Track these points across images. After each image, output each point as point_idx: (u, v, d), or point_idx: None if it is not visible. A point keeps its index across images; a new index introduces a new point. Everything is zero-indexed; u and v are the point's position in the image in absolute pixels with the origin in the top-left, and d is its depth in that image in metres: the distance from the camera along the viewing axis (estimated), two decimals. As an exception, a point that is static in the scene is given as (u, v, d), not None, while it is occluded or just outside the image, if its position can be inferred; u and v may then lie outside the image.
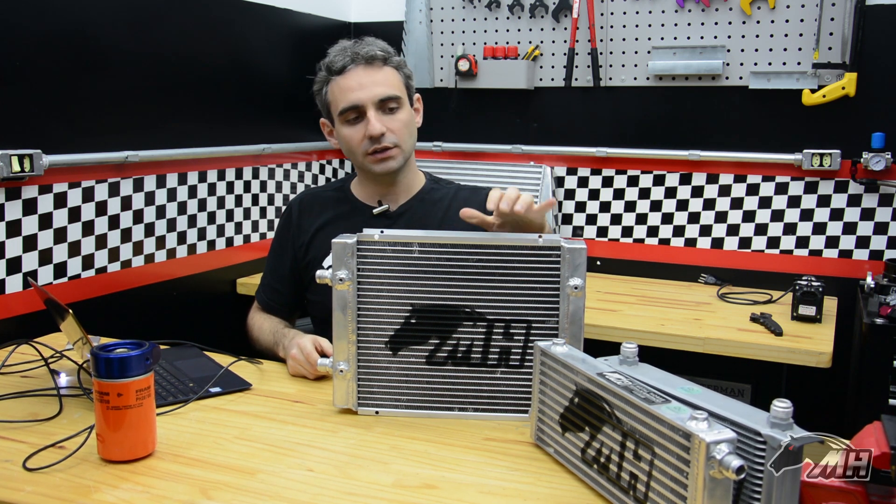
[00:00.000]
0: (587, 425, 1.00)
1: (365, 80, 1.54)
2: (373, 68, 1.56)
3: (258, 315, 1.73)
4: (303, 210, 1.71)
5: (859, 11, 2.17)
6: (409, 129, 1.59)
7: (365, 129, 1.54)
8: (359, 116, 1.55)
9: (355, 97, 1.54)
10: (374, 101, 1.54)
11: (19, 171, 1.66)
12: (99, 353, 1.05)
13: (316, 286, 1.64)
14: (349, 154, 1.62)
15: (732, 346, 1.87)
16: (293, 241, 1.69)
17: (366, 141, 1.55)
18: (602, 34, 2.51)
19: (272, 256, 1.75)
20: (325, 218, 1.67)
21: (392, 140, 1.56)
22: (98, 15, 1.87)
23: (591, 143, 2.56)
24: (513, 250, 1.20)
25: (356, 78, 1.55)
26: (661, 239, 2.53)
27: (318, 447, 1.13)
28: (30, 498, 0.98)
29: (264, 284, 1.76)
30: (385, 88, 1.55)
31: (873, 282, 2.03)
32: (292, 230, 1.70)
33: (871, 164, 2.18)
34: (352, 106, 1.54)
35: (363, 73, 1.55)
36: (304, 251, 1.67)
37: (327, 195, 1.72)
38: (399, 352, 1.23)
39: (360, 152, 1.57)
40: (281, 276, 1.71)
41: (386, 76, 1.57)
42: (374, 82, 1.54)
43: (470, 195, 1.65)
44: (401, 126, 1.57)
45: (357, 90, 1.54)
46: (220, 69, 2.27)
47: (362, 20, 2.87)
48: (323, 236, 1.65)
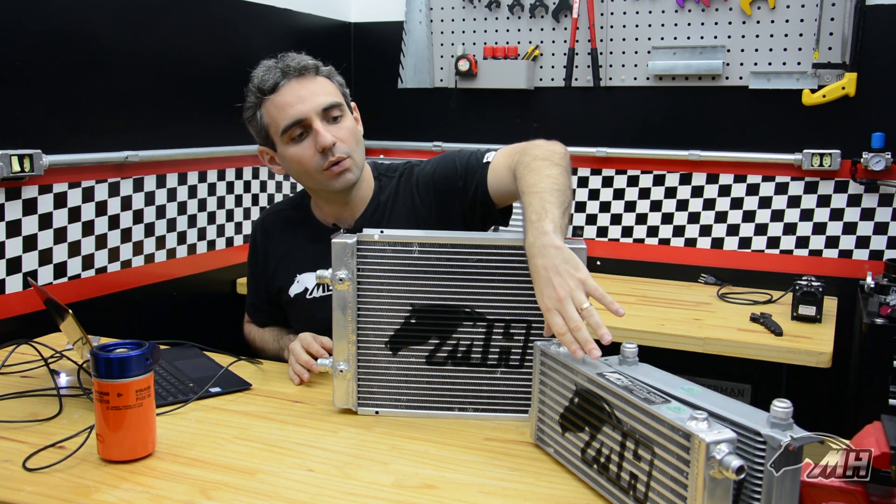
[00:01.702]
0: (587, 425, 1.00)
1: (302, 93, 1.43)
2: (306, 79, 1.44)
3: (255, 328, 1.71)
4: (265, 235, 1.64)
5: (859, 11, 2.17)
6: (356, 137, 1.48)
7: (314, 143, 1.42)
8: (303, 132, 1.43)
9: (297, 111, 1.42)
10: (317, 111, 1.42)
11: (19, 171, 1.66)
12: (99, 353, 1.05)
13: (292, 314, 1.61)
14: (300, 176, 1.49)
15: (732, 346, 1.87)
16: (262, 269, 1.64)
17: (318, 156, 1.43)
18: (602, 34, 2.51)
19: (249, 280, 1.71)
20: (287, 244, 1.60)
21: (344, 150, 1.44)
22: (98, 15, 1.87)
23: (591, 143, 2.56)
24: (513, 250, 1.20)
25: (292, 92, 1.43)
26: (661, 239, 2.53)
27: (318, 447, 1.13)
28: (30, 498, 0.98)
29: (250, 304, 1.72)
30: (325, 97, 1.44)
31: (873, 282, 2.04)
32: (259, 257, 1.64)
33: (871, 164, 2.18)
34: (295, 121, 1.42)
35: (298, 86, 1.43)
36: (271, 279, 1.62)
37: (287, 215, 1.63)
38: (399, 352, 1.23)
39: (314, 170, 1.44)
40: (261, 298, 1.68)
41: (321, 85, 1.46)
42: (312, 93, 1.43)
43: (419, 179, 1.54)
44: (348, 134, 1.46)
45: (297, 104, 1.42)
46: (220, 69, 2.27)
47: (362, 20, 2.87)
48: (286, 264, 1.59)
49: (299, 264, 1.58)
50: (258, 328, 1.70)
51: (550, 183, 1.23)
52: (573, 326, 1.04)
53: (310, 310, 1.56)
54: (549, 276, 1.08)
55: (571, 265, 1.08)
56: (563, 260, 1.09)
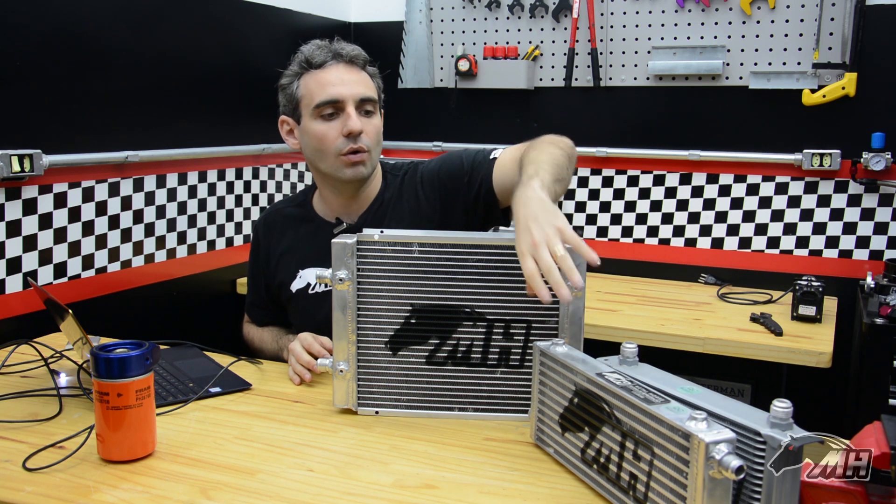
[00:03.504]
0: (587, 425, 1.00)
1: (346, 77, 1.49)
2: (353, 68, 1.51)
3: (254, 328, 1.72)
4: (267, 232, 1.66)
5: (859, 11, 2.17)
6: (378, 137, 1.53)
7: (342, 126, 1.46)
8: (335, 113, 1.48)
9: (336, 91, 1.47)
10: (355, 98, 1.48)
11: (19, 171, 1.66)
12: (99, 353, 1.05)
13: (292, 310, 1.62)
14: (315, 155, 1.52)
15: (732, 346, 1.87)
16: (263, 266, 1.66)
17: (341, 139, 1.47)
18: (602, 34, 2.51)
19: (250, 278, 1.72)
20: (288, 240, 1.62)
21: (366, 143, 1.48)
22: (98, 15, 1.87)
23: (591, 143, 2.56)
24: (513, 250, 1.20)
25: (337, 74, 1.49)
26: (661, 239, 2.53)
27: (318, 447, 1.13)
28: (30, 498, 0.98)
29: (250, 303, 1.73)
30: (366, 89, 1.50)
31: (873, 282, 2.04)
32: (260, 254, 1.66)
33: (871, 164, 2.18)
34: (332, 100, 1.47)
35: (344, 71, 1.49)
36: (272, 276, 1.63)
37: (290, 212, 1.65)
38: (399, 352, 1.23)
39: (332, 152, 1.48)
40: (261, 297, 1.69)
41: (364, 79, 1.52)
42: (354, 81, 1.49)
43: (423, 175, 1.57)
44: (374, 131, 1.51)
45: (339, 85, 1.47)
46: (220, 69, 2.27)
47: (362, 20, 2.87)
48: (287, 260, 1.61)
49: (301, 260, 1.58)
50: (257, 328, 1.71)
51: (549, 157, 1.28)
52: (545, 269, 1.05)
53: (311, 305, 1.56)
54: (528, 224, 1.10)
55: (551, 214, 1.11)
56: (543, 210, 1.11)
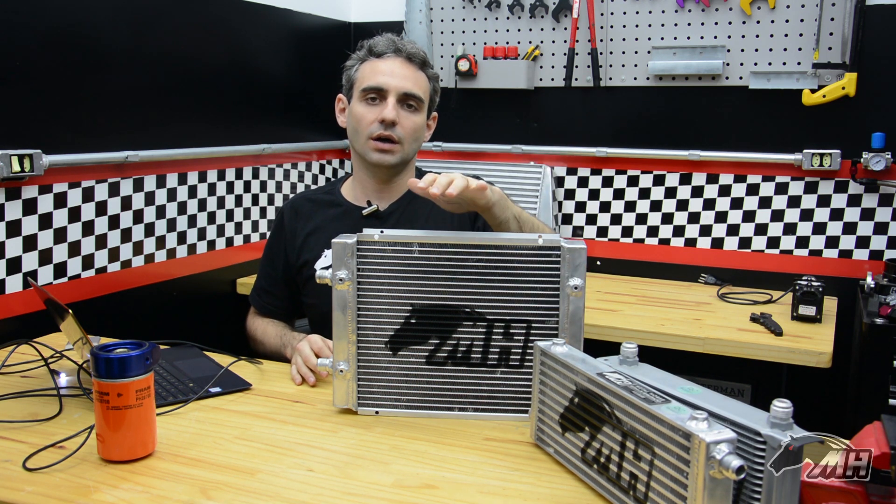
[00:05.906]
0: (587, 425, 1.00)
1: (398, 71, 1.59)
2: (410, 65, 1.61)
3: (258, 319, 1.74)
4: (294, 215, 1.72)
5: (859, 11, 2.17)
6: (416, 133, 1.62)
7: (379, 112, 1.57)
8: (377, 99, 1.58)
9: (383, 80, 1.58)
10: (398, 91, 1.57)
11: (19, 171, 1.66)
12: (99, 353, 1.05)
13: (311, 289, 1.65)
14: (353, 134, 1.63)
15: (732, 346, 1.87)
16: (286, 246, 1.70)
17: (375, 124, 1.57)
18: (602, 34, 2.51)
19: (266, 261, 1.77)
20: (316, 221, 1.69)
21: (399, 134, 1.58)
22: (98, 15, 1.87)
23: (591, 143, 2.56)
24: (513, 250, 1.20)
25: (391, 65, 1.59)
26: (661, 239, 2.53)
27: (318, 447, 1.13)
28: (30, 498, 0.98)
29: (259, 288, 1.76)
30: (413, 86, 1.59)
31: (873, 282, 2.03)
32: (285, 235, 1.71)
33: (871, 164, 2.18)
34: (377, 87, 1.58)
35: (399, 65, 1.60)
36: (296, 255, 1.68)
37: (318, 198, 1.73)
38: (399, 352, 1.23)
39: (364, 133, 1.59)
40: (275, 280, 1.72)
41: (418, 77, 1.61)
42: (405, 76, 1.59)
43: None
44: (411, 126, 1.60)
45: (388, 75, 1.58)
46: (220, 69, 2.27)
47: (362, 20, 2.87)
48: (315, 239, 1.67)
49: (328, 240, 1.60)
50: (262, 320, 1.73)
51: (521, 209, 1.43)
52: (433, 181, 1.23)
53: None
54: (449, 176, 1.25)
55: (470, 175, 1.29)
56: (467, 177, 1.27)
